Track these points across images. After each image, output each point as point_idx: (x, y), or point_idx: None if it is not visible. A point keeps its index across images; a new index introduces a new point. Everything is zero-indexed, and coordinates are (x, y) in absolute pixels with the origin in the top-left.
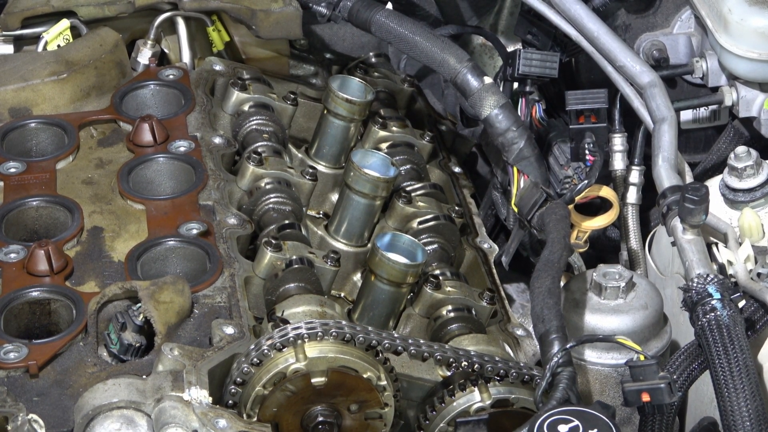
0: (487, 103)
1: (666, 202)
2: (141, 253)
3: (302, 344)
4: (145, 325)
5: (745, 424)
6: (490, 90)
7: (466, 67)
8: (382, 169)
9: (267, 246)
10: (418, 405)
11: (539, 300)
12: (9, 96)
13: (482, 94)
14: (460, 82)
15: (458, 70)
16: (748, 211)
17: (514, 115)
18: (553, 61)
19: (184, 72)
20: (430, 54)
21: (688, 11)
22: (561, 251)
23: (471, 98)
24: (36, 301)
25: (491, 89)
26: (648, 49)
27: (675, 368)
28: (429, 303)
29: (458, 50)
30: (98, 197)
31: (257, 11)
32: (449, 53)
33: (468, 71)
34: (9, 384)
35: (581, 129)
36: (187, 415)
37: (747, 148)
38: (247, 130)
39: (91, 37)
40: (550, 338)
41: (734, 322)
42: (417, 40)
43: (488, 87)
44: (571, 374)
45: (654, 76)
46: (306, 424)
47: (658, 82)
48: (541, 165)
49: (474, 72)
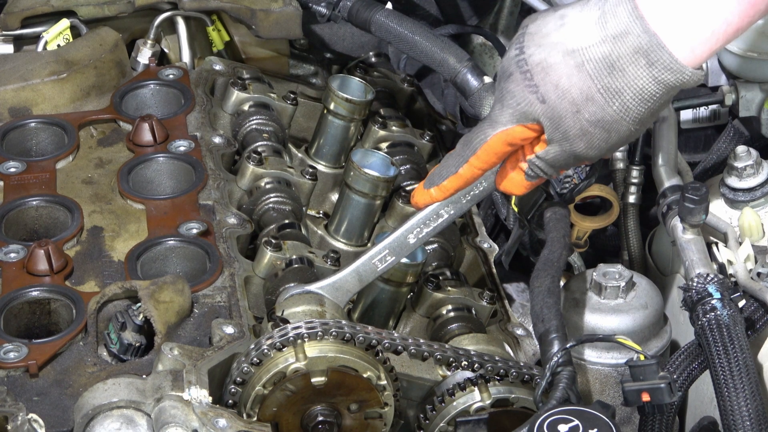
0: (487, 103)
1: (666, 201)
2: (141, 253)
3: (302, 344)
4: (145, 324)
5: (745, 424)
6: (490, 90)
7: (466, 67)
8: (382, 169)
9: (267, 246)
10: (418, 404)
11: (539, 299)
12: (9, 96)
13: (482, 93)
14: (460, 81)
15: (458, 70)
16: (748, 211)
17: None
18: None
19: (184, 72)
20: (429, 54)
21: None
22: (560, 251)
23: (471, 98)
24: (36, 301)
25: (491, 89)
26: None
27: (675, 368)
28: (429, 303)
29: (458, 50)
30: (98, 197)
31: (257, 11)
32: (449, 53)
33: (468, 71)
34: (9, 384)
35: None
36: (187, 415)
37: (747, 148)
38: (247, 129)
39: (91, 36)
40: (549, 338)
41: (734, 321)
42: (417, 39)
43: (488, 87)
44: (571, 374)
45: None
46: (306, 423)
47: None
48: None
49: (474, 72)
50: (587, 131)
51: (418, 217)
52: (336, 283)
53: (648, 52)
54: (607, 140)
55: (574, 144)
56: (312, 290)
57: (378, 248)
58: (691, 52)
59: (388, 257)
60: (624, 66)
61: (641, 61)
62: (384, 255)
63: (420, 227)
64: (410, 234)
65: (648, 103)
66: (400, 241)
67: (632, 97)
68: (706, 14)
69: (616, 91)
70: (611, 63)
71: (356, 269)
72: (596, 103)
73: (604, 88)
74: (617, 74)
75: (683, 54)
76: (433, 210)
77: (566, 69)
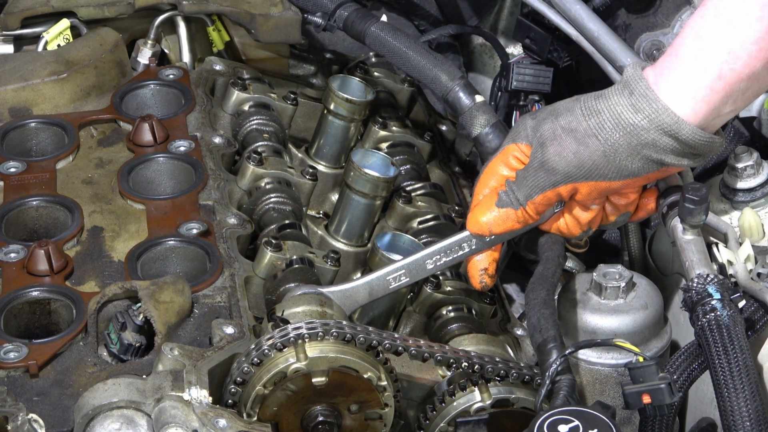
0: (477, 122)
1: (666, 202)
2: (141, 253)
3: (303, 344)
4: (145, 324)
5: (745, 424)
6: (481, 109)
7: (457, 85)
8: (382, 169)
9: (267, 246)
10: (418, 405)
11: (535, 311)
12: (9, 96)
13: (473, 112)
14: (452, 99)
15: (450, 88)
16: (748, 211)
17: (504, 134)
18: (546, 76)
19: (184, 72)
20: (422, 70)
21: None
22: (555, 268)
23: (462, 117)
24: (36, 301)
25: (482, 108)
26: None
27: (675, 368)
28: (429, 303)
29: (450, 67)
30: (98, 197)
31: (256, 15)
32: (441, 70)
33: (460, 89)
34: (9, 384)
35: None
36: (187, 415)
37: (747, 148)
38: (247, 129)
39: (91, 36)
40: (548, 347)
41: (734, 322)
42: (410, 54)
43: (479, 106)
44: (570, 381)
45: None
46: (306, 423)
47: None
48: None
49: (465, 90)
50: (559, 136)
51: (442, 245)
52: (347, 291)
53: (630, 82)
54: (576, 153)
55: (546, 149)
56: (323, 292)
57: (395, 266)
58: (692, 110)
59: (402, 277)
60: (608, 94)
61: (624, 91)
62: (399, 274)
63: (441, 254)
64: (429, 259)
65: (624, 130)
66: (418, 264)
67: (609, 118)
68: (696, 67)
69: (596, 110)
70: (599, 93)
71: (369, 282)
72: (574, 114)
73: (586, 106)
74: (600, 99)
75: (681, 108)
76: (456, 240)
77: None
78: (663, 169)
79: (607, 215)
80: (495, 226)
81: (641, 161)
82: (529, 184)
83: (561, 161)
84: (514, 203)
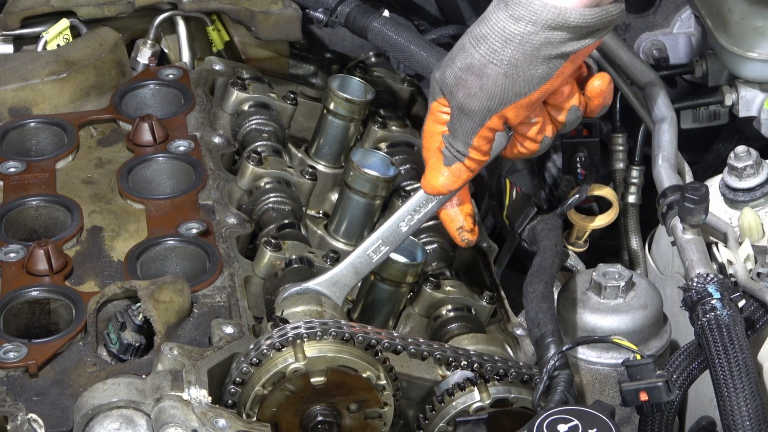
0: None
1: (666, 201)
2: (140, 253)
3: (301, 344)
4: (144, 324)
5: (745, 424)
6: None
7: None
8: (382, 169)
9: (267, 245)
10: (417, 404)
11: (533, 304)
12: (9, 95)
13: None
14: None
15: None
16: (748, 211)
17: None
18: None
19: (183, 71)
20: (424, 64)
21: (688, 11)
22: (553, 258)
23: None
24: (36, 301)
25: None
26: (648, 48)
27: (675, 368)
28: (429, 302)
29: None
30: (98, 197)
31: (256, 12)
32: None
33: None
34: (8, 383)
35: (573, 143)
36: (187, 415)
37: (747, 148)
38: (247, 129)
39: (91, 36)
40: (545, 342)
41: (734, 321)
42: (412, 49)
43: None
44: (568, 377)
45: (654, 76)
46: (305, 423)
47: (658, 82)
48: (533, 178)
49: None
50: (460, 77)
51: (407, 205)
52: (333, 278)
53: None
54: (482, 87)
55: (456, 96)
56: (310, 287)
57: (371, 239)
58: None
59: (382, 247)
60: (488, 14)
61: (500, 6)
62: (378, 245)
63: (410, 214)
64: (401, 222)
65: (512, 43)
66: (392, 230)
67: (496, 38)
68: None
69: (482, 36)
70: (481, 17)
71: (351, 262)
72: (465, 50)
73: (473, 36)
74: (482, 23)
75: None
76: (421, 197)
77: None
78: (571, 57)
79: (556, 119)
80: (452, 184)
81: (544, 63)
82: (461, 133)
83: (473, 101)
84: (459, 156)
